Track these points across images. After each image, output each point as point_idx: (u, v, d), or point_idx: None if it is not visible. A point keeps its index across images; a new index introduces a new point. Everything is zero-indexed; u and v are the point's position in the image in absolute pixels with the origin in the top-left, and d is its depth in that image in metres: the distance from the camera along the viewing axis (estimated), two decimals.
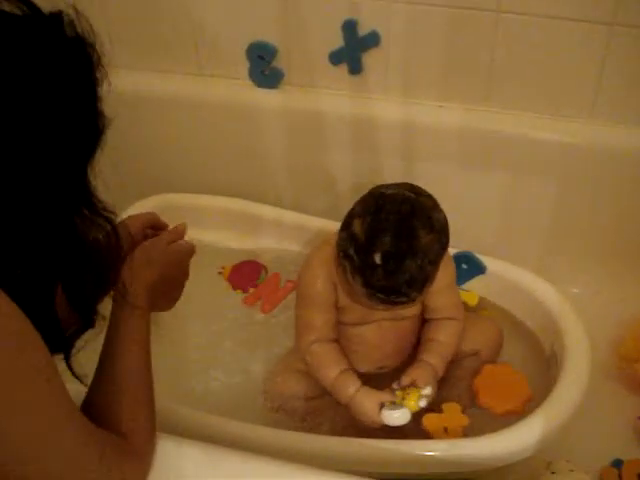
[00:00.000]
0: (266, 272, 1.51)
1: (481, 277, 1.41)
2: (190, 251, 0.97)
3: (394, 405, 1.13)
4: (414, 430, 1.18)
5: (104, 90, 0.69)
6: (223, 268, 1.50)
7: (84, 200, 0.70)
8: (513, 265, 1.40)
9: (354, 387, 1.16)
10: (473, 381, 1.25)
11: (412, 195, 1.03)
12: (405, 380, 1.15)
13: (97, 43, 0.67)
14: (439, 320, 1.23)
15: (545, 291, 1.33)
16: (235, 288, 1.48)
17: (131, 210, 1.45)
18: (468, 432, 1.18)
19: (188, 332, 1.40)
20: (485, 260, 1.41)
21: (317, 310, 1.18)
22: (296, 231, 1.50)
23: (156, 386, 0.86)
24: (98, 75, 0.67)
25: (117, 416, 0.79)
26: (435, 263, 1.02)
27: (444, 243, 1.03)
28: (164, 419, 0.87)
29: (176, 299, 0.97)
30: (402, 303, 1.03)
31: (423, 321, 1.26)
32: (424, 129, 1.43)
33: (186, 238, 1.44)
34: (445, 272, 1.16)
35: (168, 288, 0.94)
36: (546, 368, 1.30)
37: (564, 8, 1.26)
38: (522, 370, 1.30)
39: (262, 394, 1.28)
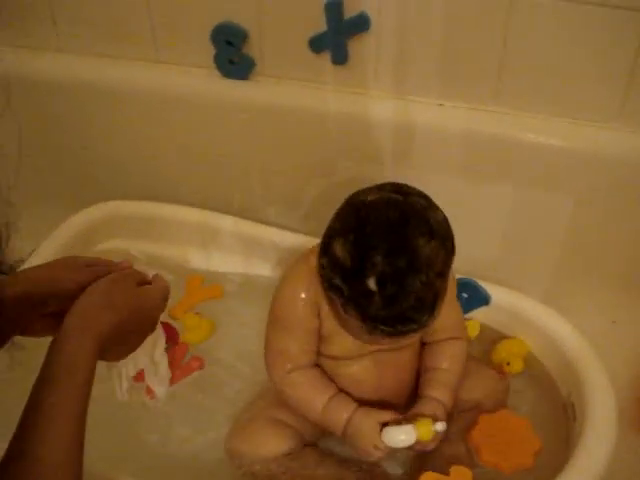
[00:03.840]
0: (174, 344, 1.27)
1: (484, 308, 1.25)
2: (166, 295, 0.80)
3: (398, 425, 1.00)
4: None
5: None
6: None
7: None
8: (522, 294, 1.24)
9: (350, 409, 1.03)
10: (470, 435, 1.10)
11: (399, 197, 0.88)
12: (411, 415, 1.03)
13: None
14: (441, 342, 1.09)
15: (561, 329, 1.18)
16: None
17: (74, 220, 1.34)
18: None
19: None
20: (489, 288, 1.24)
21: (294, 336, 1.03)
22: (269, 250, 1.35)
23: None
24: None
25: None
26: (443, 275, 0.87)
27: (450, 248, 0.88)
28: None
29: (132, 350, 0.79)
30: (413, 331, 0.88)
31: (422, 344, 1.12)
32: (420, 131, 1.26)
33: (136, 253, 1.24)
34: None
35: (126, 339, 0.76)
36: (561, 415, 1.15)
37: None
38: (532, 416, 1.15)
39: (225, 453, 1.10)
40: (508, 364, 1.20)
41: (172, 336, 1.22)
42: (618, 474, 1.06)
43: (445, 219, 0.89)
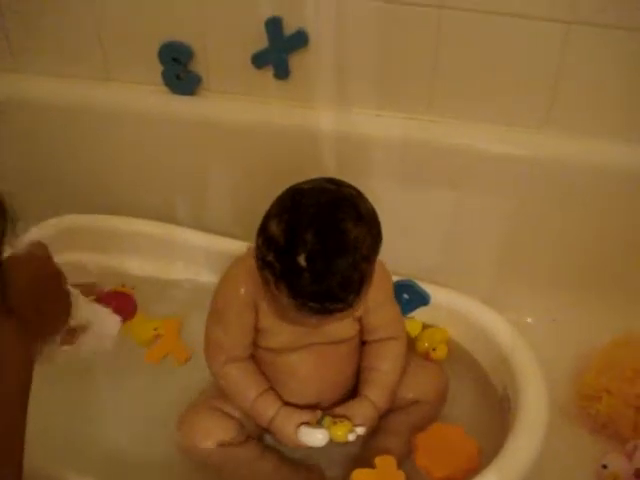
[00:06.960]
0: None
1: (424, 308, 1.27)
2: (42, 245, 0.81)
3: (316, 425, 1.05)
4: None
5: None
6: None
7: None
8: (460, 294, 1.27)
9: (274, 408, 1.07)
10: (415, 459, 1.11)
11: (332, 186, 0.93)
12: (338, 412, 1.07)
13: None
14: (379, 342, 1.13)
15: (497, 325, 1.20)
16: None
17: (27, 237, 1.29)
18: None
19: None
20: (429, 289, 1.26)
21: (230, 330, 1.07)
22: (222, 259, 1.32)
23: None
24: None
25: None
26: (369, 259, 0.91)
27: (376, 236, 0.93)
28: None
29: (67, 308, 0.82)
30: (339, 310, 0.91)
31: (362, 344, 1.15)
32: (360, 141, 1.29)
33: (91, 266, 1.25)
34: (381, 285, 1.04)
35: (44, 305, 0.77)
36: (498, 411, 1.17)
37: (516, 3, 1.13)
38: (471, 412, 1.20)
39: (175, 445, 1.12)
40: (434, 350, 1.24)
41: (129, 307, 1.26)
42: (554, 467, 1.10)
43: (373, 209, 0.93)
